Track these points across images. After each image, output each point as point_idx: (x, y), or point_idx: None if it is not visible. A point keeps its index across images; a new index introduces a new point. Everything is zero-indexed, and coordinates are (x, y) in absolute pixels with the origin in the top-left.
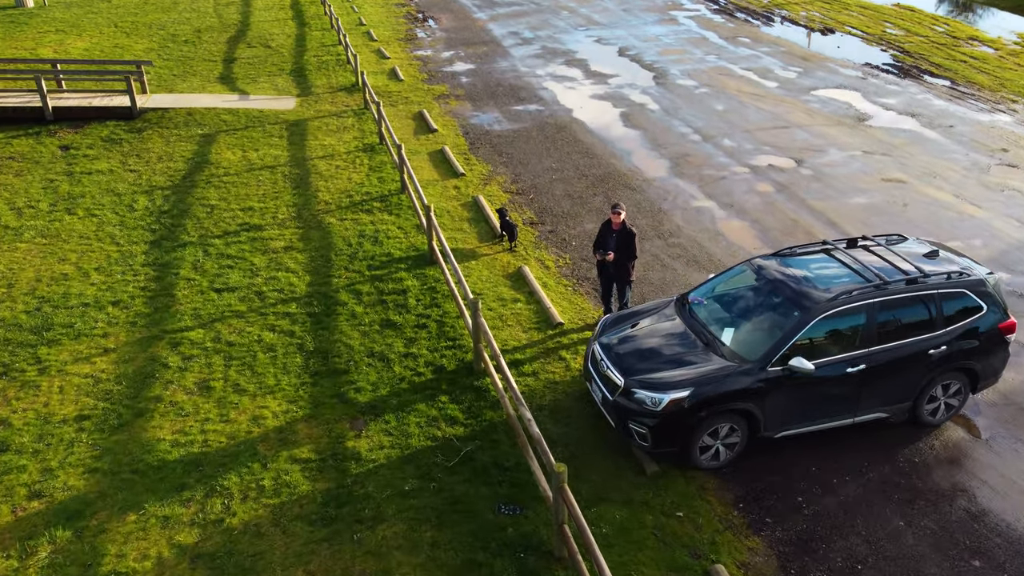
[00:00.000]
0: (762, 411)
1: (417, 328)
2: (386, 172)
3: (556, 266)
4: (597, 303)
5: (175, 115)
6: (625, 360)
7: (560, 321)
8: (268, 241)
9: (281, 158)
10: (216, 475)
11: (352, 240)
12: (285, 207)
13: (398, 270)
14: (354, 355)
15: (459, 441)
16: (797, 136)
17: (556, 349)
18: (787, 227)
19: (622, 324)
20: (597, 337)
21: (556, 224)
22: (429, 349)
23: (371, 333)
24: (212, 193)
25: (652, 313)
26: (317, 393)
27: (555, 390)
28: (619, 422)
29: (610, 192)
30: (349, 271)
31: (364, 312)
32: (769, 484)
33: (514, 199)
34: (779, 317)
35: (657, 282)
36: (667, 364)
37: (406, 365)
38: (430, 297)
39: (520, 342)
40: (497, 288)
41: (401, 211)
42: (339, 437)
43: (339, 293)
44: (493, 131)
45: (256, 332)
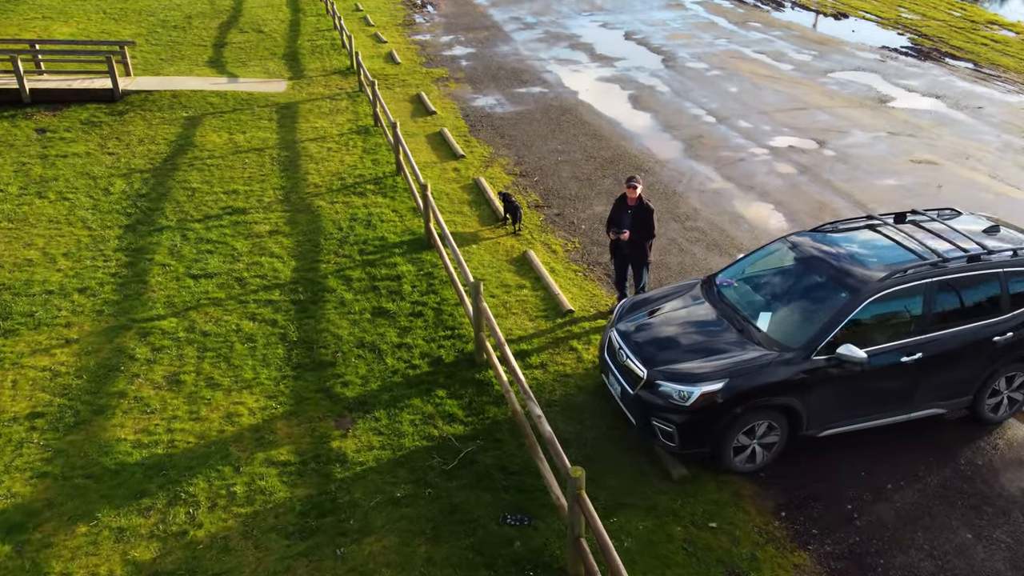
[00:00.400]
0: (804, 406)
1: (412, 317)
2: (381, 154)
3: (564, 250)
4: (610, 289)
5: (159, 98)
6: (647, 349)
7: (570, 308)
8: (252, 225)
9: (269, 140)
10: (181, 480)
11: (343, 224)
12: (272, 190)
13: (392, 255)
14: (342, 346)
15: (458, 441)
16: (817, 117)
17: (566, 339)
18: (814, 209)
19: (642, 309)
20: (614, 324)
21: (563, 207)
22: (425, 339)
23: (361, 322)
24: (194, 176)
25: (675, 297)
26: (299, 388)
27: (566, 384)
28: (641, 419)
29: (620, 174)
30: (339, 256)
31: (354, 299)
32: (813, 490)
33: (518, 181)
34: (823, 299)
35: (675, 267)
36: (696, 353)
37: (399, 357)
38: (427, 283)
39: (526, 331)
40: (500, 274)
41: (396, 194)
42: (323, 437)
43: (327, 279)
44: (495, 113)
45: (234, 321)
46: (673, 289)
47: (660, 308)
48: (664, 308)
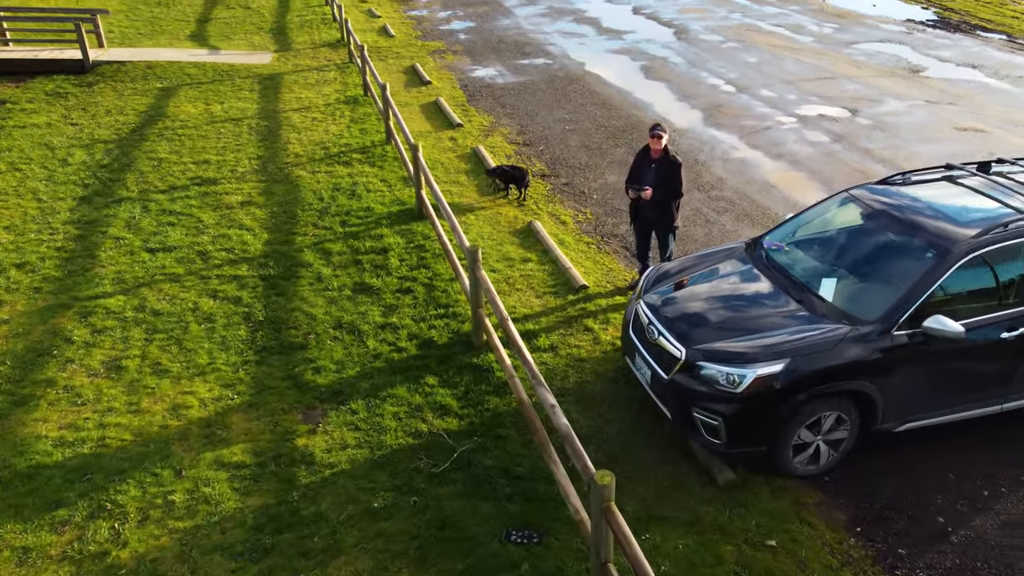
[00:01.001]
0: (881, 393)
1: (399, 293)
2: (370, 124)
3: (575, 222)
4: (629, 262)
5: (132, 69)
6: (684, 324)
7: (583, 284)
8: (222, 196)
9: (249, 111)
10: (108, 486)
11: (324, 194)
12: (247, 160)
13: (378, 227)
14: (316, 326)
15: (451, 438)
16: (846, 86)
17: (579, 318)
18: (853, 178)
19: (673, 278)
20: (640, 295)
21: (572, 176)
22: (414, 318)
23: (340, 300)
24: (163, 146)
25: (713, 263)
26: (262, 374)
27: (581, 369)
28: (678, 410)
29: (635, 143)
30: (318, 228)
31: (333, 275)
32: (893, 498)
33: (521, 151)
34: (903, 262)
35: (702, 239)
36: (744, 328)
37: (383, 339)
38: (417, 256)
39: (533, 309)
40: (502, 247)
41: (386, 163)
42: (287, 433)
43: (302, 253)
44: (495, 84)
45: (192, 299)
46: (709, 254)
47: (696, 276)
48: (701, 276)
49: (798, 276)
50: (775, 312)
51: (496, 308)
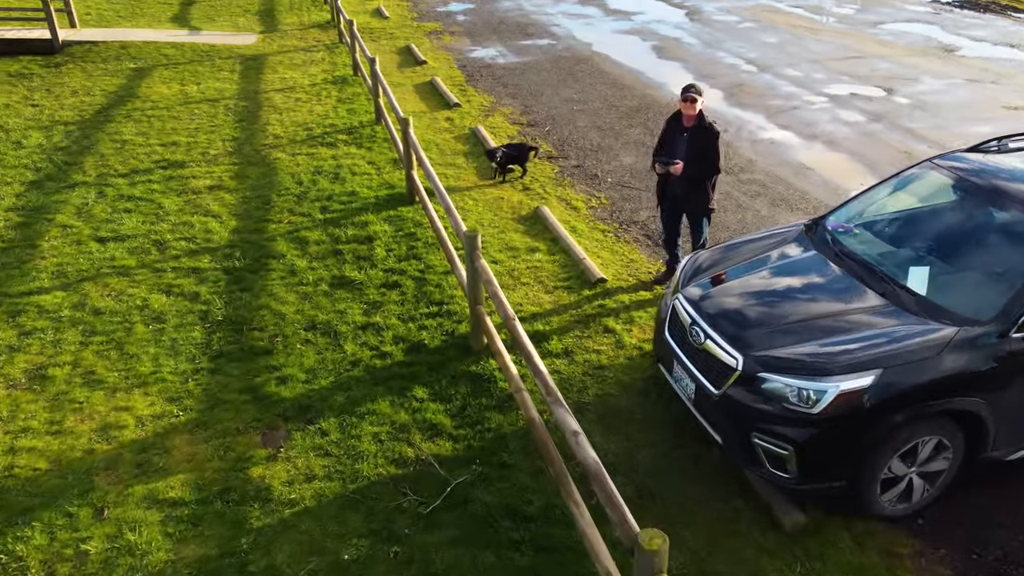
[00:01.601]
0: (993, 412)
1: (385, 288)
2: (359, 103)
3: (588, 207)
4: (653, 252)
5: (105, 49)
6: (739, 324)
7: (601, 277)
8: (189, 180)
9: (227, 91)
10: (7, 531)
11: (304, 178)
12: (221, 141)
13: (364, 213)
14: (284, 327)
15: (443, 467)
16: (877, 66)
17: (598, 317)
18: (899, 160)
19: (719, 267)
20: (680, 288)
21: (583, 158)
22: (401, 317)
23: (315, 296)
24: (129, 128)
25: (765, 248)
26: (216, 386)
27: (602, 380)
28: (732, 434)
29: (651, 123)
30: (294, 215)
31: (308, 267)
32: (1010, 548)
33: (525, 131)
34: (1020, 247)
35: (735, 225)
36: (818, 330)
37: (364, 342)
38: (406, 245)
39: (542, 307)
40: (505, 235)
41: (375, 144)
42: (240, 460)
43: (274, 242)
44: (496, 64)
45: (141, 295)
46: (759, 239)
47: (746, 265)
48: (753, 265)
49: (876, 264)
50: (853, 309)
51: (500, 305)
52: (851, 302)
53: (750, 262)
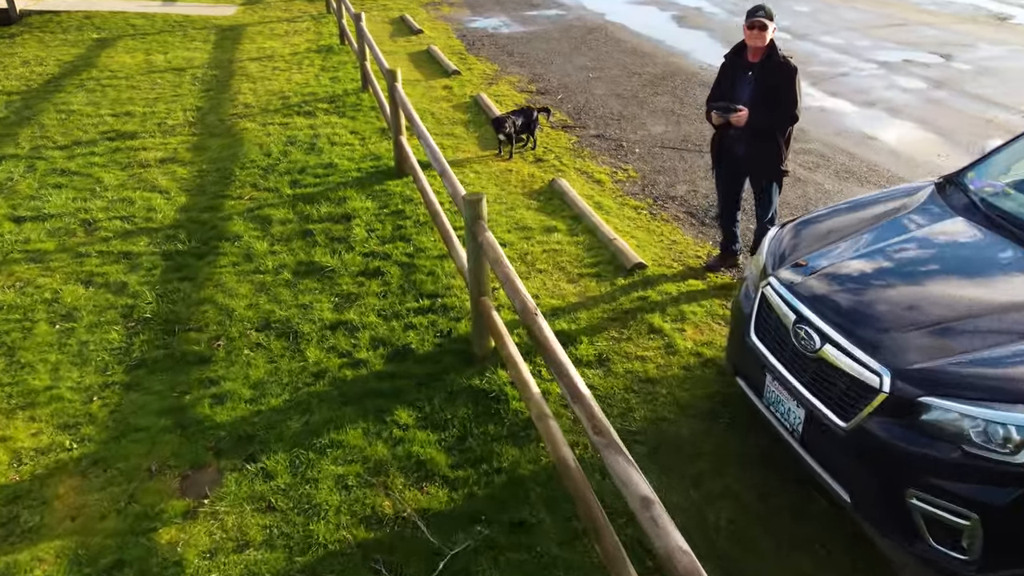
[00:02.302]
0: None
1: (363, 277)
2: (344, 72)
3: (614, 181)
4: (700, 233)
5: (67, 19)
6: (873, 320)
7: (639, 262)
8: (138, 152)
9: (197, 60)
10: None
11: (273, 149)
12: (182, 111)
13: (342, 187)
14: (230, 327)
15: (433, 529)
16: (925, 33)
17: (638, 312)
18: (979, 127)
19: (826, 240)
20: (772, 269)
21: (604, 127)
22: (383, 314)
23: (274, 286)
24: (79, 97)
25: (885, 214)
26: (130, 406)
27: (650, 398)
28: (870, 490)
29: (679, 91)
30: (259, 190)
31: (268, 251)
32: None
33: (535, 100)
34: None
35: (796, 201)
36: (1002, 328)
37: (332, 346)
38: (392, 225)
39: (565, 299)
40: (515, 212)
41: (360, 112)
42: (145, 518)
43: (230, 221)
44: (499, 33)
45: (54, 286)
46: (869, 202)
47: (863, 237)
48: (874, 236)
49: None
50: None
51: (513, 292)
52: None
53: (870, 232)
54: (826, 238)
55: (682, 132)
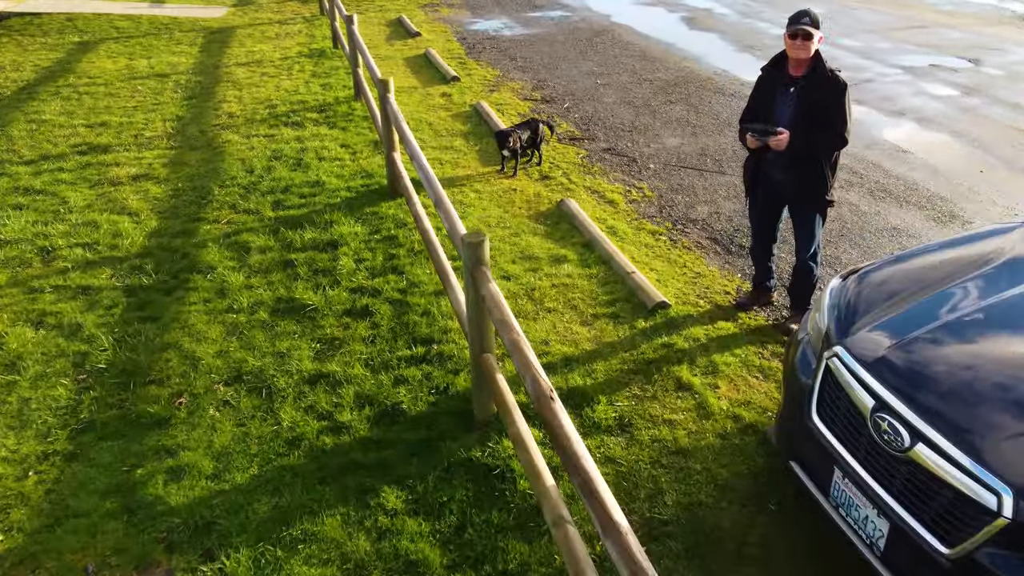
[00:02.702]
0: None
1: (350, 318)
2: (336, 78)
3: (627, 200)
4: (726, 262)
5: (48, 22)
6: (987, 419)
7: (662, 300)
8: (109, 168)
9: (182, 66)
10: None
11: (256, 164)
12: (162, 121)
13: (330, 209)
14: (195, 379)
15: None
16: (949, 35)
17: (663, 364)
18: (1020, 139)
19: (910, 296)
20: (839, 334)
21: (615, 140)
22: (370, 364)
23: (248, 329)
24: (53, 106)
25: (982, 261)
26: (71, 483)
27: (682, 475)
28: None
29: (693, 99)
30: (238, 212)
31: (244, 285)
32: None
33: (540, 108)
34: None
35: (829, 226)
36: None
37: (311, 405)
38: (384, 255)
39: (577, 345)
40: (520, 238)
41: (351, 123)
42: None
43: (204, 249)
44: (501, 36)
45: (0, 328)
46: (955, 244)
47: (955, 291)
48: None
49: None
50: None
51: (524, 366)
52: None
53: (964, 286)
54: (907, 294)
55: (699, 145)
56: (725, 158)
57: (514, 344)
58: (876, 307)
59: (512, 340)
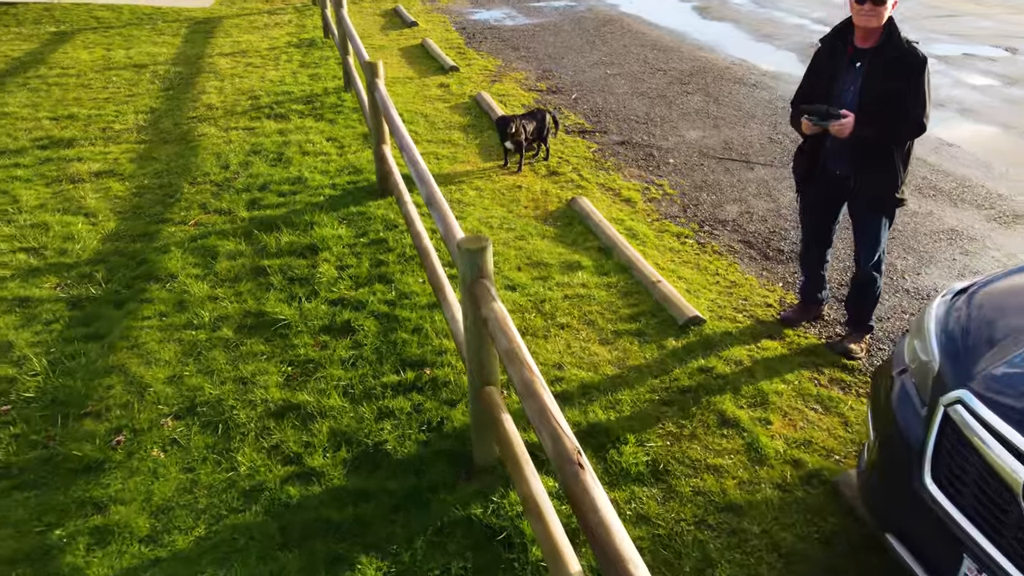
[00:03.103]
0: None
1: (330, 335)
2: (325, 68)
3: (647, 199)
4: (764, 269)
5: (24, 11)
6: None
7: (695, 315)
8: (71, 163)
9: (162, 56)
10: None
11: (233, 159)
12: (135, 114)
13: (311, 208)
14: (139, 413)
15: None
16: (979, 24)
17: (701, 393)
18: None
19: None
20: (959, 376)
21: (629, 132)
22: (349, 393)
23: (208, 349)
24: (18, 98)
25: None
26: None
27: (735, 540)
28: None
29: (712, 89)
30: (207, 212)
31: (208, 296)
32: None
33: (546, 99)
34: None
35: None
36: None
37: (275, 446)
38: (370, 260)
39: (597, 369)
40: (527, 242)
41: (340, 115)
42: None
43: (167, 255)
44: (503, 26)
45: None
46: None
47: None
48: None
49: None
50: None
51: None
52: None
53: None
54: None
55: (722, 137)
56: (752, 151)
57: (527, 386)
58: (1006, 338)
59: (525, 380)
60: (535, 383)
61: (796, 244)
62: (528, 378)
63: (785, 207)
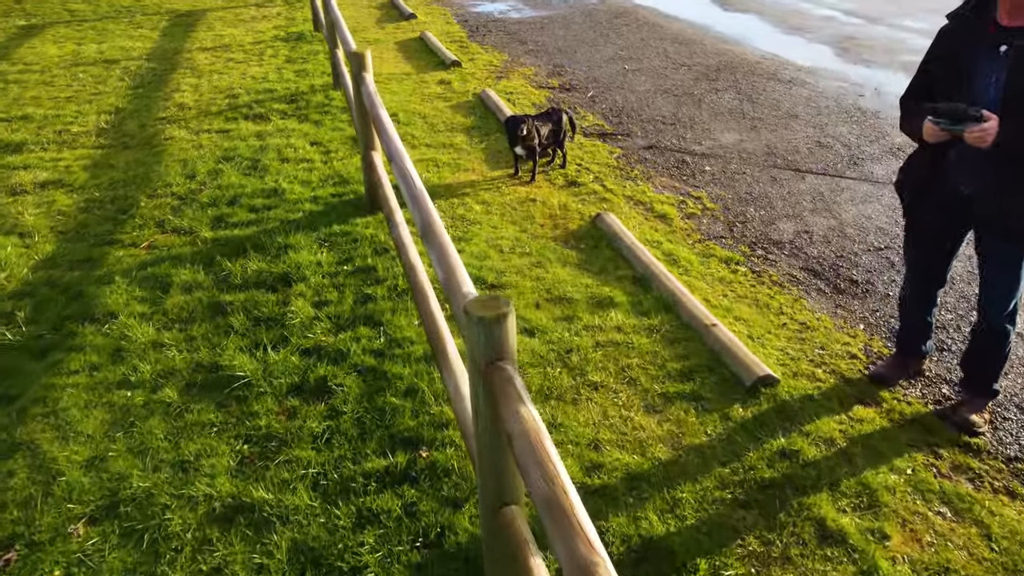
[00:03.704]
0: None
1: (300, 399)
2: (313, 64)
3: (683, 215)
4: (839, 305)
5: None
6: None
7: (766, 373)
8: (15, 173)
9: (136, 51)
10: None
11: (200, 167)
12: (97, 114)
13: (286, 227)
14: (42, 515)
15: None
16: None
17: (788, 491)
18: None
19: None
20: None
21: (656, 135)
22: (321, 487)
23: (144, 419)
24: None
25: None
26: None
27: None
28: None
29: (743, 85)
30: (164, 231)
31: (152, 342)
32: None
33: (558, 97)
34: None
35: None
36: None
37: (215, 569)
38: (355, 295)
39: (644, 452)
40: (545, 270)
41: (327, 115)
42: None
43: (108, 287)
44: (508, 18)
45: None
46: None
47: None
48: None
49: None
50: None
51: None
52: None
53: None
54: None
55: (763, 141)
56: (800, 157)
57: (553, 508)
58: None
59: (581, 564)
60: (549, 449)
61: (871, 272)
62: (586, 559)
63: (850, 225)
